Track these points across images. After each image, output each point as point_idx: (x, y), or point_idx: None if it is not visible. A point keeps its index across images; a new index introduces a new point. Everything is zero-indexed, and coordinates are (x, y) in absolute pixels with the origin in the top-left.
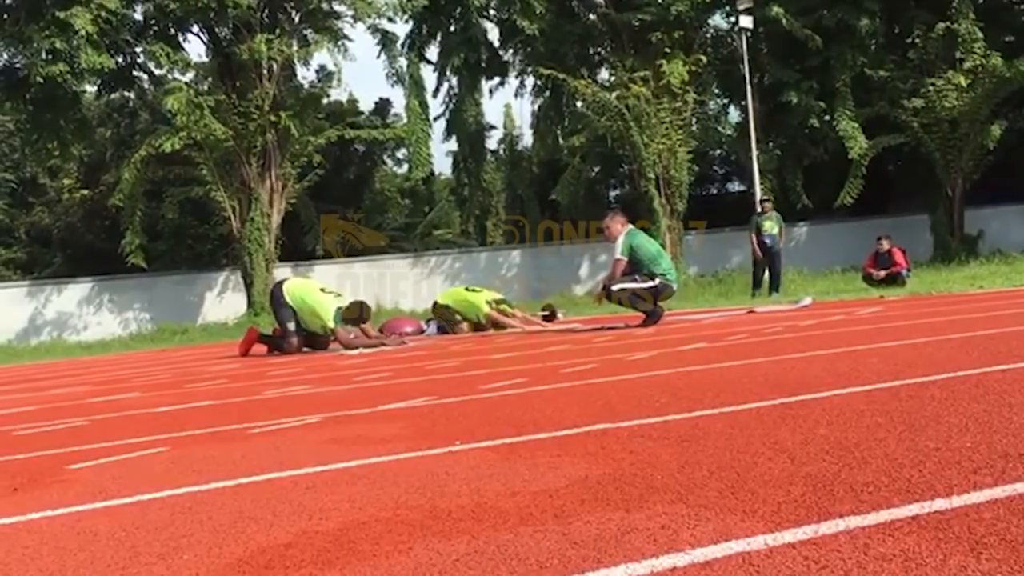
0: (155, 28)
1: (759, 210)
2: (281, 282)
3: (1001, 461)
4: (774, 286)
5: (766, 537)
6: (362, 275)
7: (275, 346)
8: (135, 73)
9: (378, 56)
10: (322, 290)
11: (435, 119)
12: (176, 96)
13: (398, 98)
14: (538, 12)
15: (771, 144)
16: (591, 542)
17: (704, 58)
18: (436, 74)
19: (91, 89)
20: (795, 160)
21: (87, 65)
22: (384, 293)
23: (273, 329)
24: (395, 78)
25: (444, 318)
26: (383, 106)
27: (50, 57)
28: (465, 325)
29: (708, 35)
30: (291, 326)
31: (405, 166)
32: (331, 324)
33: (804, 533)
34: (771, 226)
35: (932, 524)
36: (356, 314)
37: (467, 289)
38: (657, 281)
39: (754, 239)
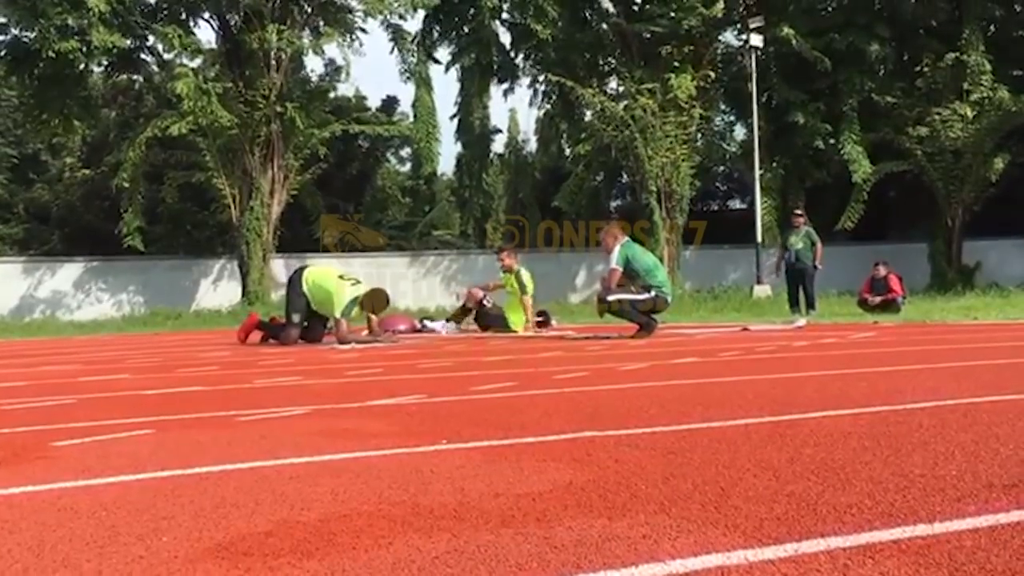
0: (166, 11)
1: (792, 224)
2: (302, 268)
3: (985, 491)
4: (809, 304)
5: (746, 552)
6: (360, 272)
7: (272, 335)
8: (143, 56)
9: (391, 52)
10: (341, 277)
11: (451, 117)
12: (185, 81)
13: (405, 97)
14: (551, 17)
15: (775, 163)
16: (572, 547)
17: (712, 74)
18: (447, 74)
19: (98, 69)
20: (798, 181)
21: (98, 44)
22: None
23: (271, 317)
24: (407, 74)
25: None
26: (389, 104)
27: (58, 35)
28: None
29: (718, 51)
30: (296, 318)
31: (408, 164)
32: (337, 314)
33: (785, 551)
34: (796, 241)
35: (913, 549)
36: (370, 304)
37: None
38: (652, 293)
39: (779, 254)
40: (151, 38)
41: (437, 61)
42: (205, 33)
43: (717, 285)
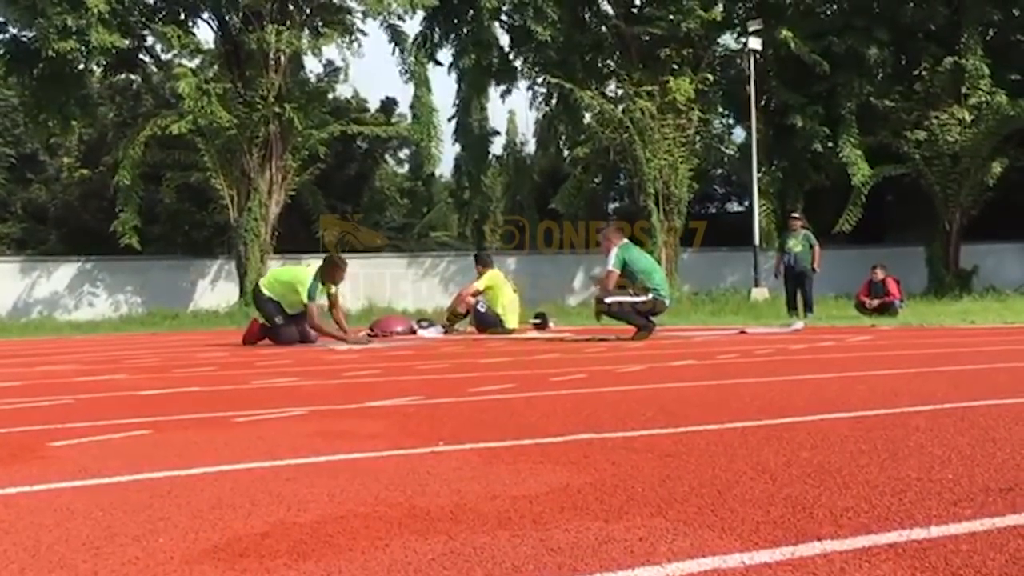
0: (165, 11)
1: (789, 227)
2: (256, 283)
3: (981, 494)
4: (806, 307)
5: (742, 555)
6: (360, 274)
7: (270, 337)
8: (141, 56)
9: (392, 53)
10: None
11: (450, 119)
12: (186, 80)
13: (404, 99)
14: (550, 19)
15: (773, 166)
16: (568, 550)
17: (711, 77)
18: (447, 75)
19: (98, 70)
20: (796, 184)
21: (97, 44)
22: (378, 292)
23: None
24: (407, 75)
25: (458, 312)
26: (388, 105)
27: (58, 35)
28: (466, 328)
29: (717, 54)
30: (279, 320)
31: (406, 166)
32: (304, 298)
33: (781, 554)
34: (794, 244)
35: (909, 553)
36: (331, 274)
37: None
38: (650, 295)
39: (777, 257)
40: (150, 38)
41: (439, 62)
42: (204, 33)
43: (715, 288)
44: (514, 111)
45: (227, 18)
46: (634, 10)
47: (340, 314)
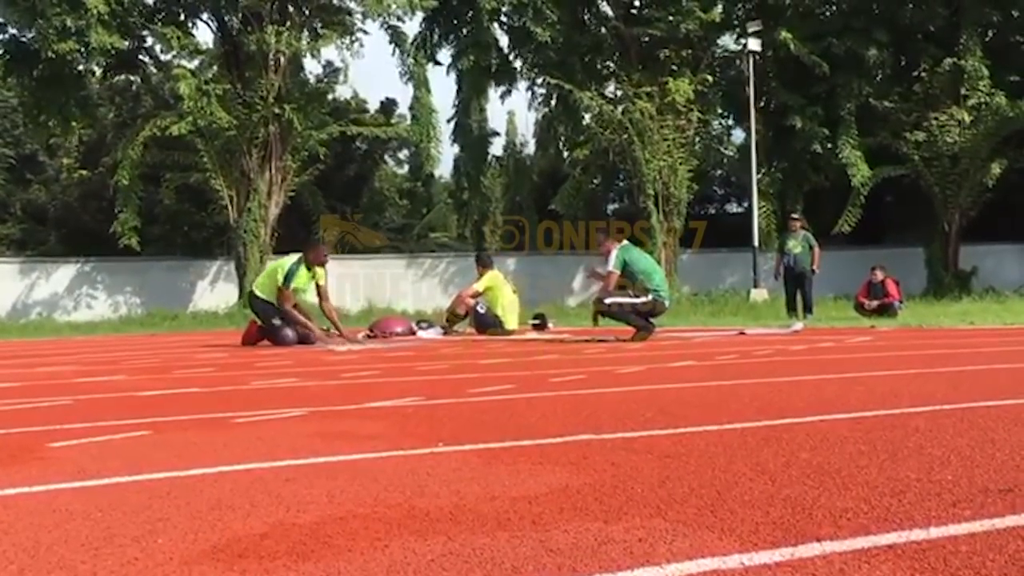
0: (164, 13)
1: (789, 228)
2: (251, 287)
3: (981, 495)
4: (806, 308)
5: (742, 556)
6: (360, 274)
7: (269, 338)
8: (140, 57)
9: (392, 54)
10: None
11: (449, 120)
12: (187, 81)
13: (403, 99)
14: (550, 20)
15: (773, 167)
16: (567, 551)
17: (710, 78)
18: (446, 76)
19: (97, 70)
20: (796, 185)
21: (97, 45)
22: (377, 292)
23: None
24: (407, 76)
25: (457, 313)
26: (388, 106)
27: (57, 36)
28: (464, 330)
29: (716, 55)
30: (276, 321)
31: (406, 167)
32: (280, 280)
33: (780, 555)
34: (794, 245)
35: (909, 554)
36: (315, 255)
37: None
38: (650, 296)
39: (777, 258)
40: (149, 39)
41: (439, 63)
42: (203, 34)
43: (714, 288)
44: (513, 112)
45: (227, 19)
46: (633, 11)
47: (333, 311)
